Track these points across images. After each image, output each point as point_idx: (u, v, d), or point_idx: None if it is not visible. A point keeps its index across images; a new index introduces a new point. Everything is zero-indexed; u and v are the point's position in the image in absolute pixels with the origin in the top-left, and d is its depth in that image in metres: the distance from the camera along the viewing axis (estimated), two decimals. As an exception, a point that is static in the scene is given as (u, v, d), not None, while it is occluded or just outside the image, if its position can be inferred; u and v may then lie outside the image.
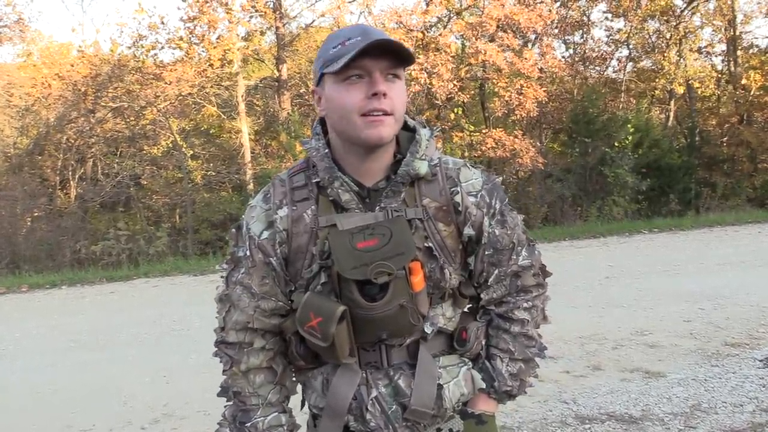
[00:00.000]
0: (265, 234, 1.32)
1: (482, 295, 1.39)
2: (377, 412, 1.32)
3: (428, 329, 1.32)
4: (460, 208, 1.30)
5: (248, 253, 1.33)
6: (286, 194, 1.32)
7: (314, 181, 1.31)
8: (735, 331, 4.94)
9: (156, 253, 11.41)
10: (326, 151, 1.29)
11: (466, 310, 1.43)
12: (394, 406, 1.32)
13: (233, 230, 1.38)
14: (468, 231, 1.32)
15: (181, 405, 3.99)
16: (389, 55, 1.20)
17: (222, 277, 1.39)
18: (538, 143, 15.28)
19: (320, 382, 1.37)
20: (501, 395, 1.40)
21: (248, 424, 1.36)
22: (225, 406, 1.41)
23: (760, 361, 4.21)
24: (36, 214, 12.94)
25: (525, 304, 1.39)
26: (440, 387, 1.33)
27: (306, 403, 1.44)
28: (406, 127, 1.34)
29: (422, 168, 1.28)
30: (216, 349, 1.40)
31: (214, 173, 14.78)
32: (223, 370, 1.39)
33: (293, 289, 1.34)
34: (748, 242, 9.16)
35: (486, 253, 1.34)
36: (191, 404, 3.98)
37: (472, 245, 1.34)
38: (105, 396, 4.24)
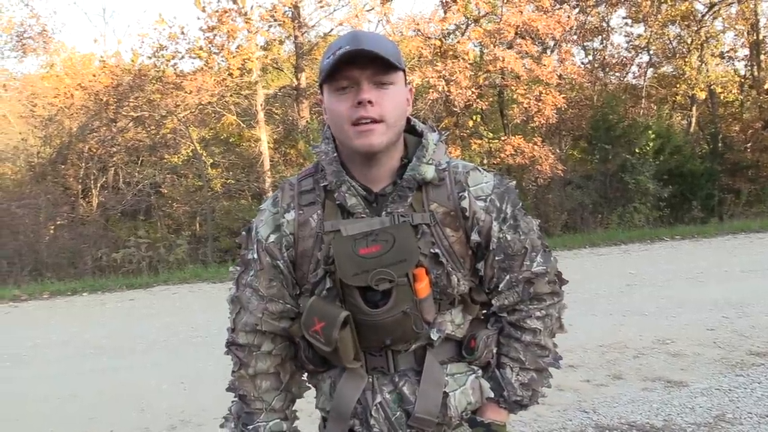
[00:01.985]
0: (272, 237, 1.33)
1: (493, 302, 1.36)
2: (381, 417, 1.31)
3: (435, 336, 1.30)
4: (467, 214, 1.28)
5: (256, 256, 1.34)
6: (294, 198, 1.33)
7: (322, 185, 1.31)
8: (760, 339, 4.83)
9: (176, 261, 11.49)
10: (335, 155, 1.30)
11: (479, 317, 1.41)
12: (398, 413, 1.31)
13: (243, 233, 1.40)
14: (475, 237, 1.29)
15: (198, 412, 3.99)
16: (376, 62, 1.19)
17: (233, 278, 1.40)
18: (557, 150, 15.18)
19: (328, 386, 1.37)
20: (511, 405, 1.37)
21: (250, 427, 1.37)
22: (232, 402, 1.43)
23: (787, 370, 4.11)
24: (59, 222, 13.11)
25: (538, 313, 1.35)
26: (446, 395, 1.31)
27: (316, 405, 1.44)
28: (414, 131, 1.34)
29: (429, 172, 1.27)
30: (227, 349, 1.41)
31: (233, 181, 14.88)
32: (232, 371, 1.40)
33: (300, 292, 1.34)
34: (774, 249, 8.99)
35: (496, 258, 1.31)
36: (208, 411, 3.97)
37: (481, 251, 1.32)
38: (123, 403, 4.26)
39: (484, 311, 1.41)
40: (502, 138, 13.75)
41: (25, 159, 14.93)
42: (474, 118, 14.30)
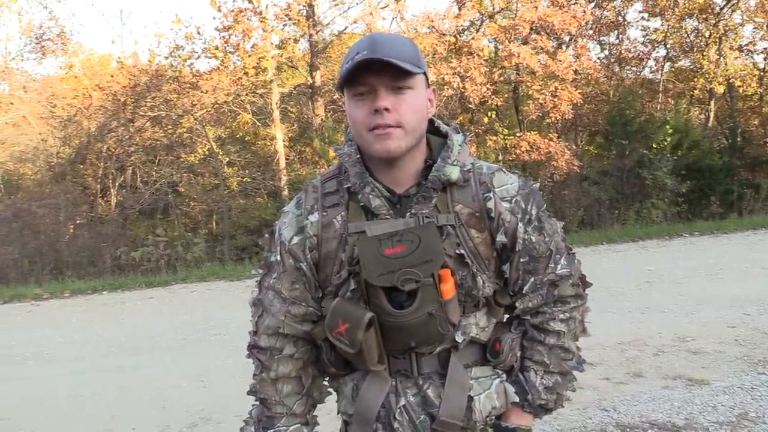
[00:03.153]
0: (296, 239, 1.33)
1: (517, 304, 1.35)
2: (405, 421, 1.30)
3: (459, 338, 1.29)
4: (492, 215, 1.28)
5: (279, 258, 1.35)
6: (318, 200, 1.33)
7: (345, 186, 1.30)
8: (783, 337, 4.77)
9: (193, 259, 11.58)
10: (358, 156, 1.30)
11: (502, 320, 1.40)
12: (422, 416, 1.30)
13: (266, 235, 1.40)
14: (501, 238, 1.29)
15: (218, 409, 4.03)
16: (392, 68, 1.19)
17: (256, 281, 1.40)
18: (573, 146, 15.07)
19: (350, 389, 1.36)
20: (536, 409, 1.36)
21: (271, 431, 1.38)
22: (253, 405, 1.43)
23: (810, 368, 4.06)
24: (78, 221, 13.26)
25: (562, 316, 1.35)
26: (470, 399, 1.30)
27: (337, 409, 1.43)
28: (438, 132, 1.34)
29: (453, 173, 1.27)
30: (248, 352, 1.41)
31: (249, 180, 14.95)
32: (254, 374, 1.41)
33: (323, 295, 1.34)
34: (795, 245, 8.87)
35: (521, 260, 1.30)
36: (228, 409, 4.01)
37: (507, 252, 1.31)
38: (144, 400, 4.30)
39: (508, 315, 1.41)
40: (518, 134, 13.68)
41: (45, 159, 15.12)
42: (489, 114, 14.25)
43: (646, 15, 16.73)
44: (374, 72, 1.20)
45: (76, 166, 14.61)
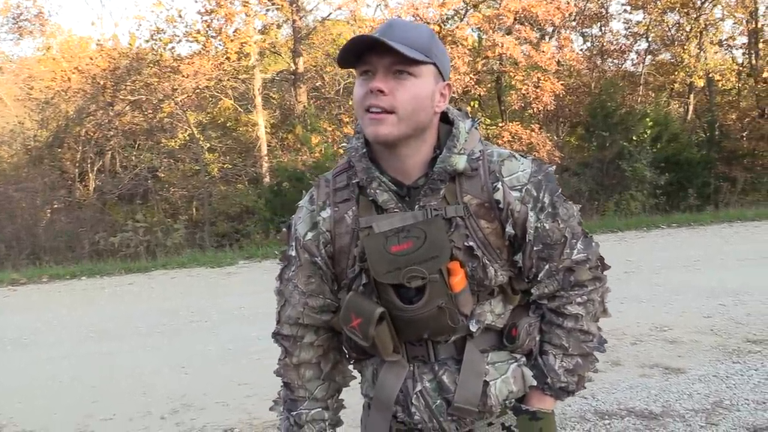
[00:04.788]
0: (309, 235, 1.34)
1: (533, 290, 1.34)
2: (422, 406, 1.32)
3: (473, 327, 1.29)
4: (501, 205, 1.25)
5: (295, 253, 1.37)
6: (329, 195, 1.33)
7: (354, 181, 1.30)
8: (756, 327, 4.87)
9: (173, 246, 11.49)
10: (364, 150, 1.29)
11: (521, 304, 1.39)
12: (438, 401, 1.32)
13: (284, 230, 1.42)
14: (509, 229, 1.27)
15: (199, 396, 4.02)
16: (394, 51, 1.17)
17: (278, 274, 1.42)
18: (554, 137, 15.18)
19: (371, 373, 1.39)
20: (556, 392, 1.36)
21: (294, 413, 1.42)
22: (281, 387, 1.47)
23: (783, 358, 4.16)
24: (56, 205, 13.09)
25: (579, 299, 1.33)
26: (486, 384, 1.31)
27: (361, 390, 1.47)
28: (447, 119, 1.32)
29: (460, 163, 1.25)
30: (274, 338, 1.45)
31: (230, 166, 14.86)
32: (279, 359, 1.44)
33: (339, 287, 1.36)
34: (769, 238, 9.04)
35: (535, 248, 1.28)
36: (210, 395, 4.01)
37: (518, 242, 1.30)
38: (125, 387, 4.28)
39: (525, 299, 1.40)
40: (500, 124, 13.74)
41: (22, 142, 14.88)
42: (472, 104, 14.28)
43: (628, 8, 16.87)
44: (377, 53, 1.19)
45: (54, 150, 14.40)
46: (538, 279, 1.32)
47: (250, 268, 8.49)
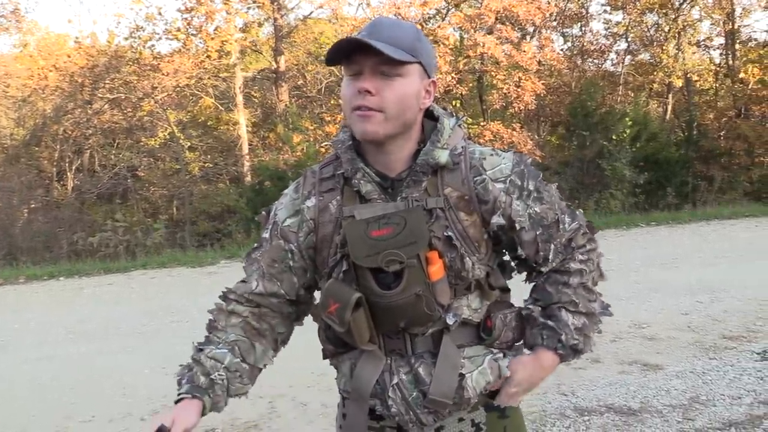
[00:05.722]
0: (288, 221, 1.37)
1: (542, 269, 1.38)
2: (398, 398, 1.34)
3: (450, 320, 1.32)
4: (487, 198, 1.29)
5: (268, 235, 1.39)
6: (315, 185, 1.36)
7: (339, 172, 1.34)
8: (732, 324, 4.96)
9: (153, 245, 11.39)
10: (350, 143, 1.33)
11: (498, 300, 1.42)
12: (414, 393, 1.33)
13: (263, 213, 1.45)
14: (497, 220, 1.30)
15: (180, 396, 3.99)
16: (380, 52, 1.20)
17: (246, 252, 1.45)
18: (535, 136, 15.29)
19: (348, 367, 1.40)
20: (568, 350, 1.38)
21: (198, 344, 1.39)
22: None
23: (758, 354, 4.23)
24: (33, 205, 12.91)
25: (580, 257, 1.38)
26: (462, 377, 1.33)
27: (338, 386, 1.47)
28: (432, 116, 1.36)
29: (442, 157, 1.28)
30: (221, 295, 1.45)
31: (211, 165, 14.77)
32: (215, 302, 1.43)
33: (321, 277, 1.38)
34: (745, 236, 9.19)
35: (537, 233, 1.33)
36: (191, 396, 3.97)
37: (507, 234, 1.33)
38: (104, 387, 4.24)
39: (502, 295, 1.43)
40: (481, 123, 13.80)
41: (-2, 141, 14.65)
42: (453, 103, 14.33)
43: (608, 8, 17.03)
44: (364, 53, 1.22)
45: (31, 149, 14.20)
46: (549, 259, 1.36)
47: (232, 268, 8.44)
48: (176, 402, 1.34)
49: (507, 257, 1.43)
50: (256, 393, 1.53)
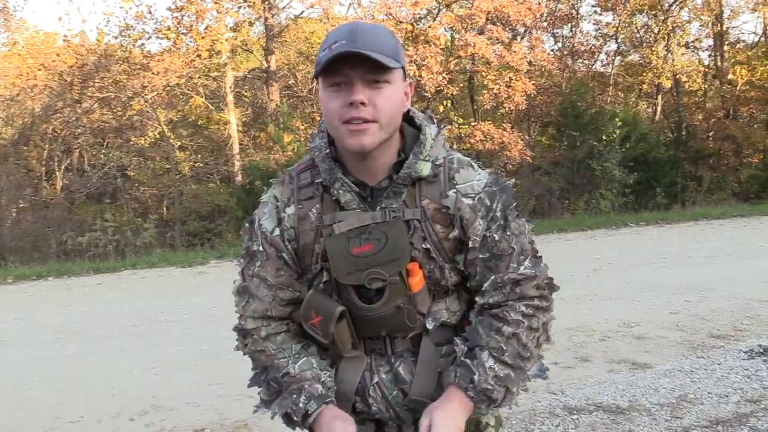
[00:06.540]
0: (277, 231, 1.33)
1: (477, 299, 1.32)
2: (378, 397, 1.35)
3: (430, 325, 1.33)
4: (451, 210, 1.27)
5: (261, 248, 1.34)
6: (294, 192, 1.33)
7: (317, 181, 1.31)
8: (720, 323, 4.99)
9: (143, 245, 11.34)
10: (327, 151, 1.29)
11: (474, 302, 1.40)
12: (395, 392, 1.35)
13: (246, 225, 1.38)
14: (455, 233, 1.27)
15: (169, 396, 3.98)
16: (370, 60, 1.16)
17: (239, 271, 1.39)
18: (526, 136, 15.33)
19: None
20: (478, 394, 1.26)
21: (280, 375, 1.34)
22: (258, 393, 1.40)
23: (745, 352, 4.26)
24: (21, 205, 12.84)
25: (523, 309, 1.29)
26: (441, 375, 1.34)
27: None
28: (413, 123, 1.33)
29: (424, 170, 1.26)
30: (236, 334, 1.40)
31: (202, 164, 14.71)
32: (244, 351, 1.39)
33: (301, 282, 1.36)
34: (733, 236, 9.25)
35: (480, 256, 1.28)
36: (180, 396, 3.97)
37: (461, 247, 1.30)
38: (93, 388, 4.22)
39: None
40: (472, 124, 13.83)
41: (-15, 140, 14.54)
42: (444, 103, 14.35)
43: (598, 9, 17.11)
44: (351, 63, 1.17)
45: (20, 148, 14.10)
46: (483, 289, 1.30)
47: (222, 268, 8.41)
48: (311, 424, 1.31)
49: None
50: (244, 392, 1.53)
